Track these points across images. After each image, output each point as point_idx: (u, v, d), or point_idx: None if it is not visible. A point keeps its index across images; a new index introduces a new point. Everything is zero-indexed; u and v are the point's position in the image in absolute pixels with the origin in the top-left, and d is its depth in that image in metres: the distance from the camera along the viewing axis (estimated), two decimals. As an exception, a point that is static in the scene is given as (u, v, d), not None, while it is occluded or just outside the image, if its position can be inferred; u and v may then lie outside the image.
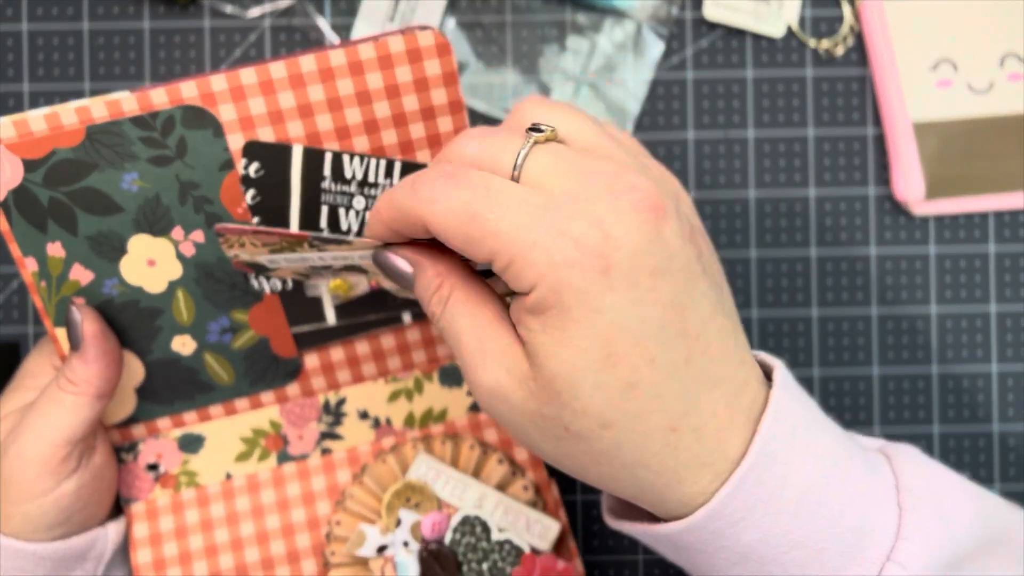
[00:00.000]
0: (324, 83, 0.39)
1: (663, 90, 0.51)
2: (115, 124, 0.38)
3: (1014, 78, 0.51)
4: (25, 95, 0.50)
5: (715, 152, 0.51)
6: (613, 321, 0.30)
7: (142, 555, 0.44)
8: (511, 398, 0.32)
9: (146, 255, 0.41)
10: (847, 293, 0.51)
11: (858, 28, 0.51)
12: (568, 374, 0.31)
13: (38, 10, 0.51)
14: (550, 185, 0.31)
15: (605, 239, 0.30)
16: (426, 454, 0.44)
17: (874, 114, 0.51)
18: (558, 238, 0.30)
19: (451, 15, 0.51)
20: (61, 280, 0.41)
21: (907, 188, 0.50)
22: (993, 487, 0.51)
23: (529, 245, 0.30)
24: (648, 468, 0.32)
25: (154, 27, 0.51)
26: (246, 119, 0.39)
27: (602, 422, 0.31)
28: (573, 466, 0.33)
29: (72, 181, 0.39)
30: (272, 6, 0.51)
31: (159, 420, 0.44)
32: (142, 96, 0.38)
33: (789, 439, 0.33)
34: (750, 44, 0.51)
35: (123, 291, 0.41)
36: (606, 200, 0.31)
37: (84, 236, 0.40)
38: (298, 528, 0.44)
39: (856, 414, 0.51)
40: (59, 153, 0.38)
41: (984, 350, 0.51)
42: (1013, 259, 0.51)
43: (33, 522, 0.40)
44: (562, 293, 0.30)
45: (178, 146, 0.39)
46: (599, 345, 0.30)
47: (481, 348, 0.33)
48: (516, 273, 0.31)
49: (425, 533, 0.43)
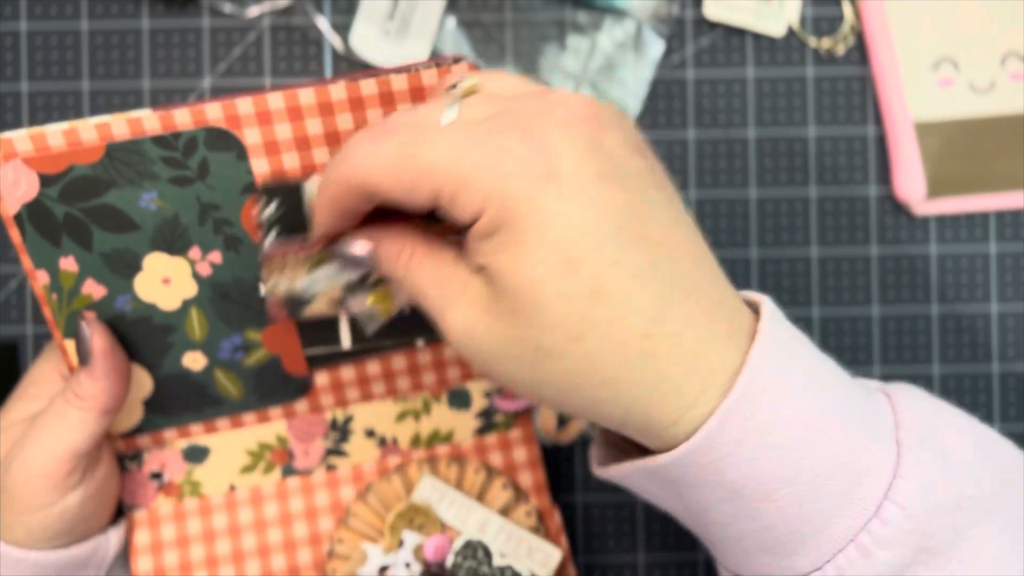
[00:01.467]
0: (354, 112, 0.38)
1: (663, 89, 0.51)
2: (136, 143, 0.38)
3: (1015, 77, 0.51)
4: (24, 94, 0.50)
5: (715, 151, 0.51)
6: (567, 226, 0.29)
7: (143, 563, 0.44)
8: (479, 328, 0.31)
9: (161, 273, 0.40)
10: (848, 293, 0.51)
11: (859, 27, 0.51)
12: (530, 287, 0.30)
13: (37, 9, 0.50)
14: (479, 116, 0.31)
15: (543, 150, 0.30)
16: (431, 476, 0.44)
17: (875, 113, 0.51)
18: (496, 155, 0.30)
19: (451, 14, 0.51)
20: (73, 294, 0.40)
21: (908, 188, 0.50)
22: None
23: (469, 169, 0.30)
24: (628, 382, 0.30)
25: (153, 26, 0.51)
26: (271, 143, 0.38)
27: (571, 335, 0.30)
28: (554, 395, 0.31)
29: (89, 197, 0.38)
30: (271, 5, 0.51)
31: (165, 431, 0.43)
32: (165, 116, 0.38)
33: (780, 369, 0.31)
34: (751, 43, 0.51)
35: (136, 307, 0.41)
36: (539, 116, 0.30)
37: (98, 252, 0.39)
38: (300, 543, 0.44)
39: (857, 414, 0.51)
40: (77, 169, 0.38)
41: (985, 350, 0.51)
42: (1014, 259, 0.51)
43: (35, 533, 0.40)
44: (510, 207, 0.29)
45: (200, 167, 0.38)
46: (556, 252, 0.29)
47: (443, 291, 0.32)
48: (463, 203, 0.30)
49: (427, 555, 0.43)
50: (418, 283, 0.33)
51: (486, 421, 0.46)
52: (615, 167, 0.30)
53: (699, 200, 0.51)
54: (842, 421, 0.32)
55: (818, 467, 0.31)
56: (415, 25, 0.50)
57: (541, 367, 0.31)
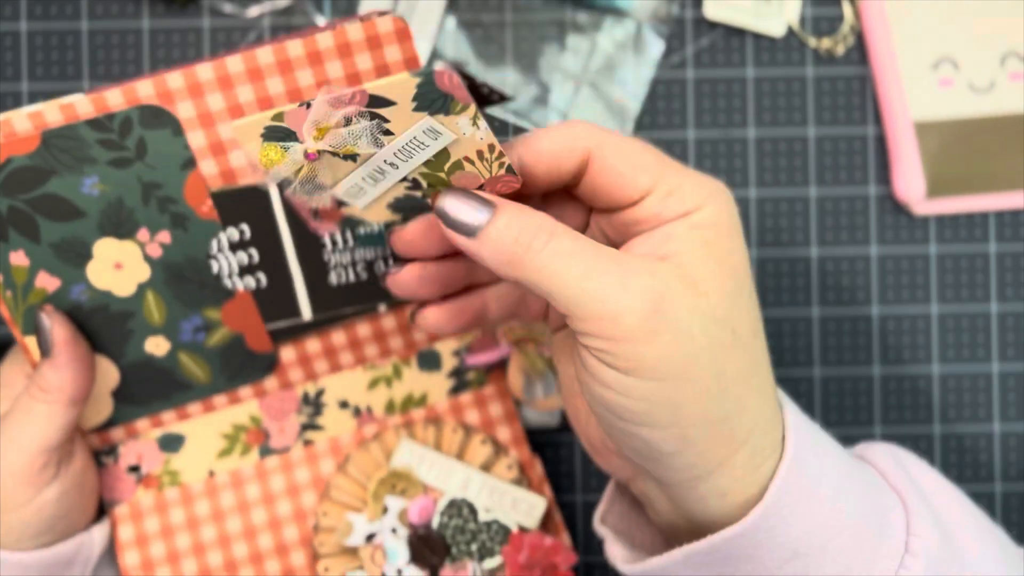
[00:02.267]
0: (283, 75, 0.38)
1: (663, 89, 0.51)
2: (71, 128, 0.37)
3: (1015, 77, 0.51)
4: (24, 94, 0.50)
5: (715, 151, 0.51)
6: (745, 251, 0.35)
7: (130, 557, 0.44)
8: (685, 299, 0.32)
9: (113, 259, 0.40)
10: (848, 293, 0.51)
11: (859, 27, 0.51)
12: (743, 274, 0.33)
13: (37, 9, 0.50)
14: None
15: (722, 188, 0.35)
16: (409, 440, 0.44)
17: (875, 113, 0.51)
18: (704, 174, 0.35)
19: (451, 14, 0.51)
20: (27, 288, 0.40)
21: (908, 187, 0.50)
22: (993, 486, 0.51)
23: (694, 172, 0.34)
24: (758, 390, 0.34)
25: (153, 26, 0.51)
26: (205, 115, 0.38)
27: (754, 328, 0.34)
28: (711, 392, 0.32)
29: (31, 188, 0.38)
30: (271, 5, 0.51)
31: (138, 422, 0.44)
32: (97, 98, 0.37)
33: (813, 433, 0.35)
34: (751, 43, 0.51)
35: (91, 296, 0.41)
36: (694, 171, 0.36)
37: (47, 243, 0.39)
38: (285, 521, 0.45)
39: (857, 414, 0.51)
40: (15, 161, 0.38)
41: (985, 350, 0.51)
42: (1014, 259, 0.51)
43: (15, 532, 0.40)
44: (725, 209, 0.34)
45: (137, 147, 0.38)
46: (746, 266, 0.34)
47: (618, 267, 0.32)
48: (683, 195, 0.34)
49: (412, 519, 0.43)
50: (563, 258, 0.32)
51: (458, 380, 0.46)
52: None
53: (699, 200, 0.51)
54: (864, 474, 0.36)
55: (856, 516, 0.34)
56: (415, 25, 0.50)
57: (728, 356, 0.32)
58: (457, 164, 0.33)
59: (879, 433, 0.51)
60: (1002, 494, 0.51)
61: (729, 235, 0.34)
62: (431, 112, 0.31)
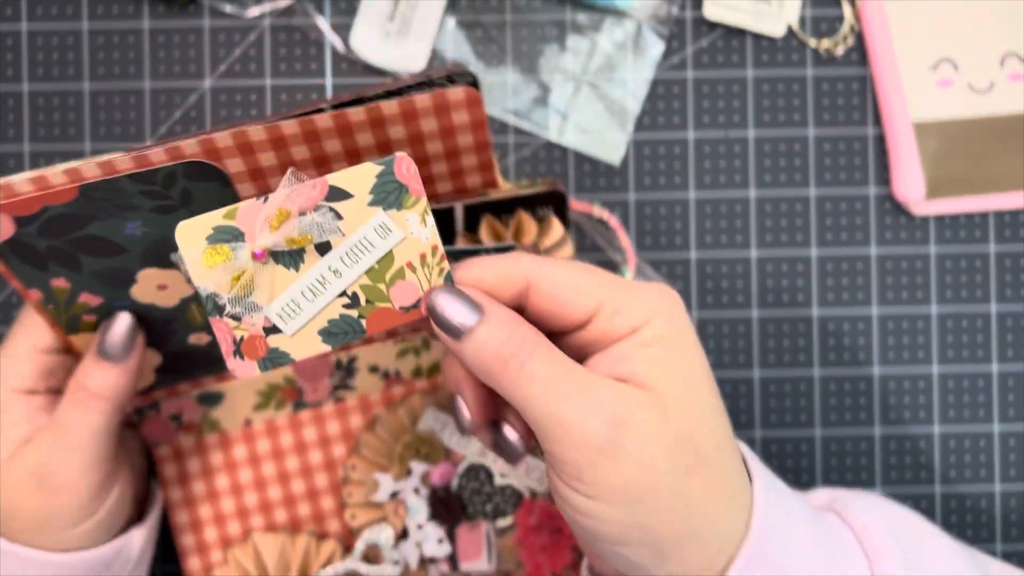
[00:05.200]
0: (342, 138, 0.37)
1: (663, 90, 0.51)
2: (111, 181, 0.36)
3: (1014, 78, 0.51)
4: (24, 95, 0.50)
5: (715, 152, 0.51)
6: (702, 355, 0.35)
7: (174, 493, 0.47)
8: (648, 425, 0.32)
9: (156, 282, 0.39)
10: (847, 293, 0.51)
11: (858, 28, 0.51)
12: (699, 392, 0.33)
13: (37, 9, 0.50)
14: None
15: (676, 298, 0.36)
16: (434, 408, 0.47)
17: (874, 114, 0.51)
18: (655, 285, 0.35)
19: (451, 14, 0.51)
20: (70, 303, 0.39)
21: (907, 188, 0.50)
22: (992, 486, 0.51)
23: (640, 287, 0.34)
24: (727, 499, 0.34)
25: (153, 27, 0.51)
26: (256, 170, 0.37)
27: (718, 442, 0.33)
28: (667, 521, 0.33)
29: (70, 231, 0.37)
30: (272, 6, 0.51)
31: (179, 386, 0.45)
32: (139, 157, 0.35)
33: (779, 506, 0.35)
34: (750, 44, 0.51)
35: (136, 307, 0.40)
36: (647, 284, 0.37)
37: (89, 272, 0.38)
38: (316, 469, 0.47)
39: (856, 414, 0.51)
40: (52, 209, 0.36)
41: (985, 350, 0.51)
42: (1013, 259, 0.51)
43: (73, 543, 0.40)
44: (676, 323, 0.34)
45: (182, 196, 0.37)
46: (704, 373, 0.34)
47: (587, 384, 0.32)
48: (629, 312, 0.33)
49: (434, 480, 0.47)
50: (544, 375, 0.32)
51: None
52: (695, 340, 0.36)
53: (699, 200, 0.51)
54: (829, 545, 0.36)
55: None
56: (415, 26, 0.50)
57: (693, 477, 0.33)
58: (399, 272, 0.33)
59: (879, 434, 0.51)
60: (1001, 494, 0.51)
61: (681, 347, 0.34)
62: (385, 207, 0.32)
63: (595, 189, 0.51)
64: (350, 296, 0.33)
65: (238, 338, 0.33)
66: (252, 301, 0.33)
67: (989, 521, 0.51)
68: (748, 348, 0.51)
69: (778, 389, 0.51)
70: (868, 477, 0.51)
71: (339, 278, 0.33)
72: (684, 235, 0.51)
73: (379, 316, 0.33)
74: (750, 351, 0.51)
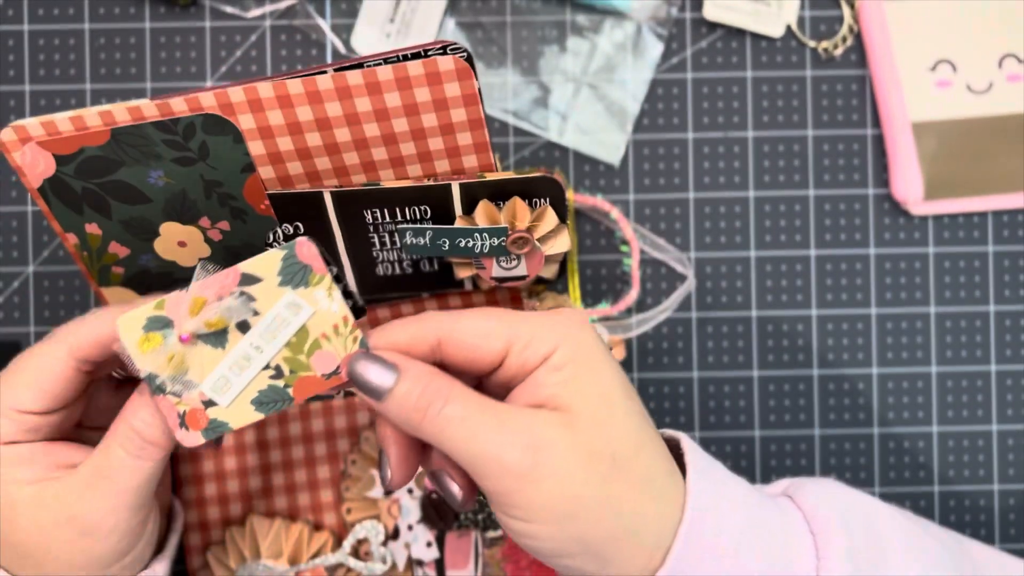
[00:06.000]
0: (342, 101, 0.39)
1: (663, 90, 0.51)
2: (138, 127, 0.39)
3: (1013, 79, 0.51)
4: (26, 95, 0.51)
5: (715, 152, 0.51)
6: (615, 366, 0.37)
7: (183, 468, 0.48)
8: (560, 445, 0.34)
9: (177, 238, 0.42)
10: (846, 293, 0.51)
11: (857, 28, 0.51)
12: (609, 404, 0.35)
13: (39, 11, 0.51)
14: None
15: (584, 319, 0.38)
16: None
17: (873, 114, 0.51)
18: (559, 313, 0.37)
19: (451, 15, 0.51)
20: (100, 252, 0.42)
21: (906, 188, 0.50)
22: (991, 485, 0.51)
23: (543, 318, 0.36)
24: (654, 496, 0.35)
25: (154, 27, 0.51)
26: (265, 128, 0.40)
27: (636, 444, 0.35)
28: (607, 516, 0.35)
29: (102, 175, 0.40)
30: (273, 6, 0.51)
31: None
32: (162, 104, 0.39)
33: (713, 491, 0.37)
34: (749, 44, 0.51)
35: (158, 264, 0.43)
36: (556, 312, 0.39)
37: (117, 220, 0.41)
38: (319, 460, 0.49)
39: (855, 414, 0.51)
40: (87, 150, 0.40)
41: (983, 350, 0.51)
42: (1012, 259, 0.51)
43: (132, 568, 0.40)
44: (583, 345, 0.36)
45: (200, 149, 0.40)
46: (620, 379, 0.36)
47: (502, 417, 0.35)
48: (538, 343, 0.36)
49: (429, 484, 0.46)
50: (463, 418, 0.35)
51: None
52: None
53: (698, 201, 0.51)
54: (767, 525, 0.37)
55: (762, 565, 0.36)
56: (416, 26, 0.50)
57: (612, 482, 0.35)
58: (316, 344, 0.36)
59: (877, 433, 0.51)
60: (1000, 494, 0.51)
61: (589, 365, 0.36)
62: (293, 286, 0.36)
63: (595, 189, 0.51)
64: (274, 368, 0.37)
65: (181, 412, 0.37)
66: (188, 379, 0.36)
67: (987, 521, 0.51)
68: (747, 348, 0.51)
69: (777, 389, 0.51)
70: (867, 477, 0.51)
71: (261, 353, 0.36)
72: (684, 235, 0.51)
73: (304, 384, 0.37)
74: (749, 351, 0.51)
